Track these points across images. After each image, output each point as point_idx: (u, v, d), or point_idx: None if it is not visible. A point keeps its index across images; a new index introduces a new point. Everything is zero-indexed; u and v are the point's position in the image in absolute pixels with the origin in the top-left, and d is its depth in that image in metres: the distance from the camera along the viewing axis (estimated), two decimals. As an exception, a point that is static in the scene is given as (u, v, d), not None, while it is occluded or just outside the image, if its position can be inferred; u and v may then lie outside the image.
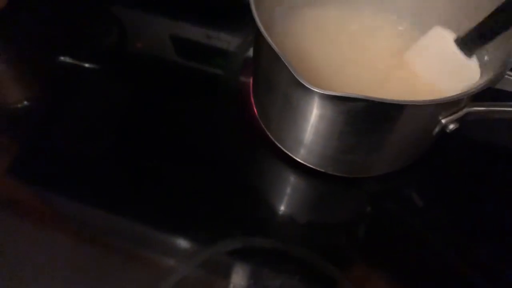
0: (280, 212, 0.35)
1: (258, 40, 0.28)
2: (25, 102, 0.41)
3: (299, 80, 0.24)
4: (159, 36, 0.46)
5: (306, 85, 0.24)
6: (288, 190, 0.36)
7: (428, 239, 0.35)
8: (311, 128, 0.30)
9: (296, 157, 0.35)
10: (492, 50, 0.29)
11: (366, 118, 0.27)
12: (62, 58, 0.43)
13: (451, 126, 0.27)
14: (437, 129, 0.28)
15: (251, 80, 0.41)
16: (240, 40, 0.45)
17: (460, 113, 0.27)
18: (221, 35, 0.46)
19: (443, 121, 0.27)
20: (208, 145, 0.38)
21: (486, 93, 0.27)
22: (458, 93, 0.25)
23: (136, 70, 0.43)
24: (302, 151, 0.34)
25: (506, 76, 0.27)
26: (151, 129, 0.39)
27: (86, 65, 0.43)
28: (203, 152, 0.38)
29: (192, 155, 0.38)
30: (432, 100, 0.25)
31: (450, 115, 0.27)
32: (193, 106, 0.41)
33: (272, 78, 0.29)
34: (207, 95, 0.42)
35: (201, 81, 0.43)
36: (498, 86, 0.28)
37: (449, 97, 0.25)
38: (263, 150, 0.37)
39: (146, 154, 0.37)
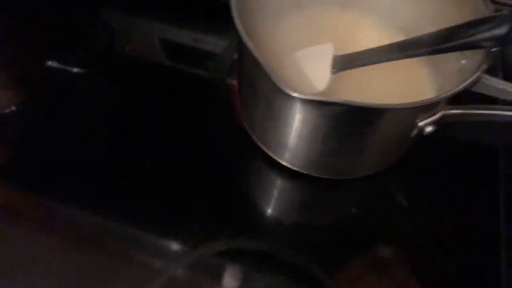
0: (266, 214, 0.35)
1: (241, 45, 0.28)
2: (13, 107, 0.41)
3: (279, 86, 0.24)
4: (149, 40, 0.46)
5: (286, 91, 0.24)
6: (274, 192, 0.37)
7: (414, 239, 0.35)
8: (294, 132, 0.31)
9: (281, 160, 0.35)
10: (470, 54, 0.30)
11: (347, 122, 0.28)
12: (50, 62, 0.43)
13: (428, 129, 0.28)
14: (414, 132, 0.28)
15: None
16: (227, 42, 0.46)
17: (436, 116, 0.27)
18: (209, 38, 0.46)
19: (420, 124, 0.27)
20: (195, 147, 0.39)
21: (462, 96, 0.28)
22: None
23: (126, 73, 0.44)
24: (287, 154, 0.34)
25: (482, 80, 0.28)
26: (141, 132, 0.39)
27: (75, 69, 0.43)
28: (190, 154, 0.38)
29: (180, 157, 0.38)
30: (408, 104, 0.25)
31: (427, 118, 0.27)
32: (182, 108, 0.41)
33: (255, 82, 0.30)
34: (196, 97, 0.42)
35: (190, 84, 0.43)
36: (474, 89, 0.28)
37: (425, 100, 0.26)
38: (249, 153, 0.38)
39: (136, 157, 0.38)
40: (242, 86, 0.36)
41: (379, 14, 0.39)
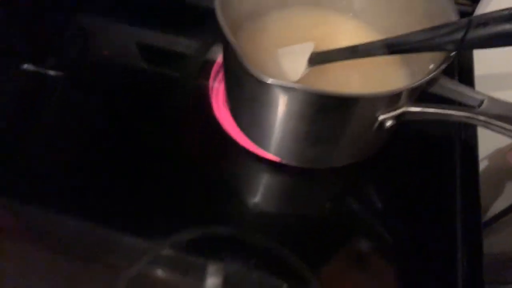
0: (240, 203, 0.37)
1: (224, 41, 0.30)
2: None
3: (249, 70, 0.27)
4: (125, 43, 0.48)
5: (253, 73, 0.27)
6: (251, 183, 0.39)
7: (384, 235, 0.37)
8: (274, 121, 0.33)
9: (267, 151, 0.38)
10: (437, 59, 0.32)
11: (312, 109, 0.30)
12: (26, 66, 0.44)
13: (388, 123, 0.30)
14: (376, 125, 0.30)
15: (210, 81, 0.44)
16: (199, 44, 0.48)
17: (397, 112, 0.29)
18: (183, 40, 0.48)
19: (380, 117, 0.29)
20: (172, 144, 0.40)
21: (423, 97, 0.30)
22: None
23: (102, 77, 0.45)
24: (271, 145, 0.36)
25: (441, 81, 0.30)
26: (119, 134, 0.40)
27: (52, 72, 0.44)
28: (170, 151, 0.40)
29: (160, 155, 0.39)
30: (367, 94, 0.27)
31: (387, 112, 0.29)
32: (159, 108, 0.43)
33: (236, 76, 0.33)
34: (171, 97, 0.44)
35: (167, 85, 0.45)
36: (434, 90, 0.30)
37: (384, 92, 0.28)
38: (226, 145, 0.40)
39: (113, 158, 0.39)
40: (228, 83, 0.38)
41: (359, 16, 0.41)
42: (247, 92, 0.33)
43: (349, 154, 0.37)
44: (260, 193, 0.39)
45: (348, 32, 0.41)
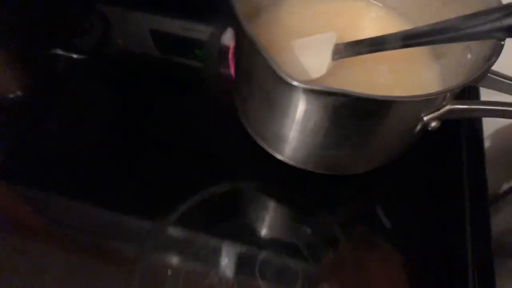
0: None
1: (239, 32, 0.27)
2: (18, 92, 0.42)
3: (280, 74, 0.23)
4: (140, 32, 0.46)
5: (288, 80, 0.23)
6: (266, 184, 0.36)
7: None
8: (294, 124, 0.29)
9: (279, 154, 0.34)
10: (476, 48, 0.29)
11: (349, 113, 0.27)
12: (52, 50, 0.44)
13: (433, 124, 0.27)
14: (419, 127, 0.27)
15: (230, 71, 0.42)
16: (213, 29, 0.47)
17: (442, 111, 0.26)
18: (197, 26, 0.47)
19: (425, 118, 0.26)
20: (189, 137, 0.39)
21: (466, 92, 0.28)
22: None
23: (121, 63, 0.44)
24: (285, 148, 0.33)
25: (488, 75, 0.27)
26: (137, 123, 0.39)
27: (75, 55, 0.44)
28: (183, 143, 0.38)
29: (171, 146, 0.38)
30: (416, 96, 0.24)
31: (432, 112, 0.27)
32: (174, 99, 0.41)
33: (252, 71, 0.29)
34: (187, 86, 0.42)
35: (181, 73, 0.43)
36: (481, 85, 0.28)
37: (431, 93, 0.25)
38: (242, 142, 0.38)
39: (128, 145, 0.38)
40: (239, 76, 0.34)
41: (384, 4, 0.38)
42: (264, 93, 0.29)
43: (378, 159, 0.34)
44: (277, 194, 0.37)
45: (374, 21, 0.37)
